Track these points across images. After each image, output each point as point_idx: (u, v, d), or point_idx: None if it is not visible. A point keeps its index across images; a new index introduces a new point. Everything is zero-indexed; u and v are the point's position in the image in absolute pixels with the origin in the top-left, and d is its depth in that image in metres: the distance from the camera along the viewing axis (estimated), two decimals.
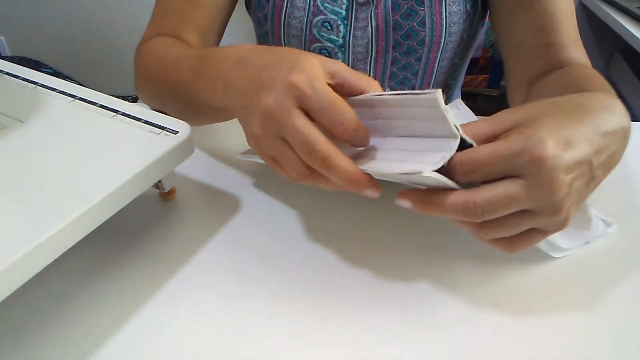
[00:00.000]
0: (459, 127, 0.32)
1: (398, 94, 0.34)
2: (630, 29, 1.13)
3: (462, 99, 0.82)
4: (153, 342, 0.36)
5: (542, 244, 0.42)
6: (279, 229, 0.46)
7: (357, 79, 0.36)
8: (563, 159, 0.30)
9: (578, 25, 0.54)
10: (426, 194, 0.33)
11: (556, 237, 0.42)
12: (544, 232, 0.33)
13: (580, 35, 0.54)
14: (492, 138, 0.32)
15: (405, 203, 0.34)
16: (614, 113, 0.34)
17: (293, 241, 0.45)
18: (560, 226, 0.33)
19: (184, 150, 0.43)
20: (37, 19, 1.75)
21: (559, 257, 0.43)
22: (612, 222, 0.45)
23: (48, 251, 0.33)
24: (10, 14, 1.74)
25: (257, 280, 0.41)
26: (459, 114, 0.60)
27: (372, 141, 0.38)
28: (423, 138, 0.35)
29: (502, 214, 0.31)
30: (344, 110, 0.33)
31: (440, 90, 0.31)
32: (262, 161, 0.43)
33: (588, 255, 0.43)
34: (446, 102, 0.62)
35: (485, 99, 1.33)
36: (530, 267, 0.42)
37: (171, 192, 0.49)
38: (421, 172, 0.30)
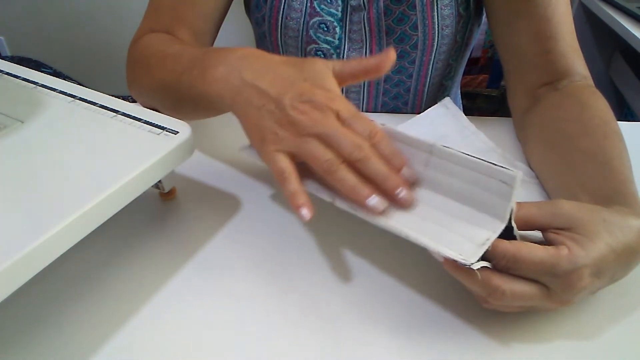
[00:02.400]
0: (513, 212, 0.33)
1: (475, 157, 0.34)
2: (630, 29, 1.13)
3: (462, 98, 0.82)
4: (153, 342, 0.36)
5: None
6: (279, 229, 0.46)
7: (360, 59, 0.41)
8: (587, 288, 0.33)
9: (578, 25, 0.54)
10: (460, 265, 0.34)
11: None
12: (533, 309, 0.36)
13: (580, 35, 0.54)
14: (539, 227, 0.35)
15: (437, 256, 0.35)
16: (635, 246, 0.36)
17: (293, 241, 0.45)
18: (548, 310, 0.37)
19: (184, 150, 0.43)
20: (37, 19, 1.75)
21: None
22: None
23: (48, 251, 0.33)
24: (10, 14, 1.74)
25: (257, 280, 0.41)
26: (447, 113, 0.59)
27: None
28: (465, 206, 0.35)
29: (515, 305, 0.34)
30: (371, 122, 0.38)
31: (521, 173, 0.32)
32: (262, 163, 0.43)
33: None
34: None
35: (485, 99, 1.32)
36: None
37: (171, 192, 0.49)
38: (471, 264, 0.31)
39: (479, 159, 0.34)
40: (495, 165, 0.33)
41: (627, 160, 0.43)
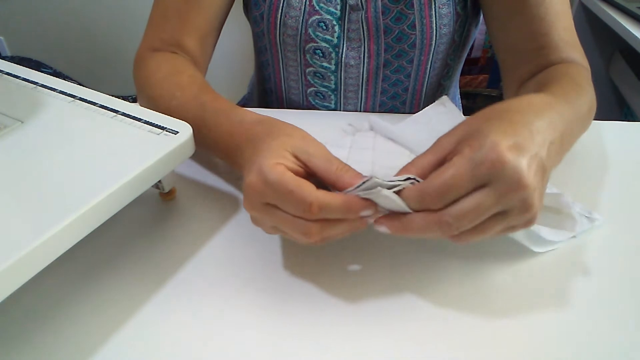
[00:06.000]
0: (410, 178, 0.33)
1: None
2: (630, 29, 1.13)
3: (462, 99, 0.82)
4: (153, 342, 0.36)
5: (524, 239, 0.42)
6: None
7: (327, 169, 0.36)
8: (521, 157, 0.31)
9: (578, 25, 0.54)
10: (400, 219, 0.34)
11: (542, 230, 0.42)
12: (512, 228, 0.35)
13: (580, 35, 0.54)
14: (439, 163, 0.34)
15: (383, 229, 0.35)
16: (537, 110, 0.36)
17: (293, 241, 0.45)
18: (528, 222, 0.34)
19: (184, 150, 0.43)
20: (37, 19, 1.75)
21: (543, 252, 0.43)
22: (596, 218, 0.45)
23: (48, 251, 0.33)
24: (10, 14, 1.74)
25: (257, 280, 0.41)
26: (445, 111, 0.59)
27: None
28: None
29: (476, 223, 0.33)
30: (304, 194, 0.33)
31: (374, 178, 0.32)
32: None
33: (574, 249, 0.43)
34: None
35: (485, 99, 1.33)
36: (516, 263, 0.42)
37: (171, 192, 0.49)
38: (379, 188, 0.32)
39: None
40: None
41: (568, 92, 0.43)
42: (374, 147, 0.54)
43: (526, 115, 0.35)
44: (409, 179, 0.33)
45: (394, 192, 0.33)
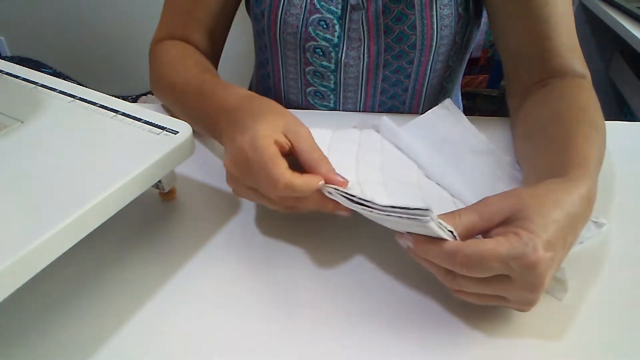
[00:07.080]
0: (453, 233, 0.34)
1: (390, 212, 0.34)
2: (630, 29, 1.13)
3: (462, 99, 0.82)
4: (152, 342, 0.36)
5: None
6: (278, 229, 0.46)
7: (309, 155, 0.40)
8: (546, 263, 0.33)
9: (578, 25, 0.54)
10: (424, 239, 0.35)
11: None
12: (508, 301, 0.35)
13: (580, 35, 0.54)
14: (483, 231, 0.36)
15: (404, 242, 0.37)
16: (580, 208, 0.36)
17: (293, 241, 0.45)
18: (528, 304, 0.35)
19: (184, 150, 0.43)
20: (37, 19, 1.75)
21: None
22: (604, 222, 0.45)
23: (48, 251, 0.33)
24: (10, 14, 1.74)
25: (257, 280, 0.41)
26: (448, 114, 0.59)
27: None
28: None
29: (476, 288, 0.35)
30: (275, 168, 0.37)
31: (431, 211, 0.33)
32: None
33: (574, 251, 0.43)
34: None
35: (485, 99, 1.32)
36: None
37: (171, 192, 0.49)
38: (428, 217, 0.32)
39: (395, 213, 0.34)
40: (408, 214, 0.33)
41: (593, 141, 0.43)
42: (382, 149, 0.54)
43: (569, 213, 0.35)
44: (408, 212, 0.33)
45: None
